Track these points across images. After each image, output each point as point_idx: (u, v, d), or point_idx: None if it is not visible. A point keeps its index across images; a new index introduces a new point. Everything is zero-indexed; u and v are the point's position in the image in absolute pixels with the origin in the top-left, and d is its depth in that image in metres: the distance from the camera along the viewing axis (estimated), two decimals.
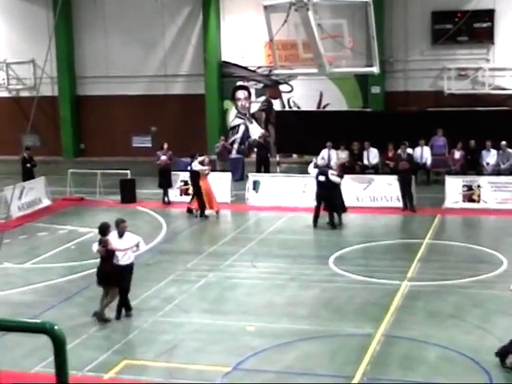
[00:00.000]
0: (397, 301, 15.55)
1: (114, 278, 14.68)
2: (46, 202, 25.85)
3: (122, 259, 14.81)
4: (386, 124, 29.19)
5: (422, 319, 14.58)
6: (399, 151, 25.65)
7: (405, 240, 20.72)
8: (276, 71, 24.25)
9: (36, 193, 25.55)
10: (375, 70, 20.93)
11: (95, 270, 15.17)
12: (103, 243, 14.64)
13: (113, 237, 14.78)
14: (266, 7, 19.99)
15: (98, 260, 15.12)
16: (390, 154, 27.11)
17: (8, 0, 36.53)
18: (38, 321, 3.91)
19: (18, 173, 26.46)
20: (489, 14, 30.58)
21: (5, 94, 37.07)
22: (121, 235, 14.91)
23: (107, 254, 14.66)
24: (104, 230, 14.84)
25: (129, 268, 14.96)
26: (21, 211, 24.38)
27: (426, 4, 31.36)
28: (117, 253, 14.71)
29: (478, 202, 23.90)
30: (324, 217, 22.28)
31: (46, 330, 3.80)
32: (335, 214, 22.13)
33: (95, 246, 14.93)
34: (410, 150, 26.17)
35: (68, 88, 36.17)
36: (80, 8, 35.66)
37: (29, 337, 11.45)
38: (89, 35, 35.87)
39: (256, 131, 34.02)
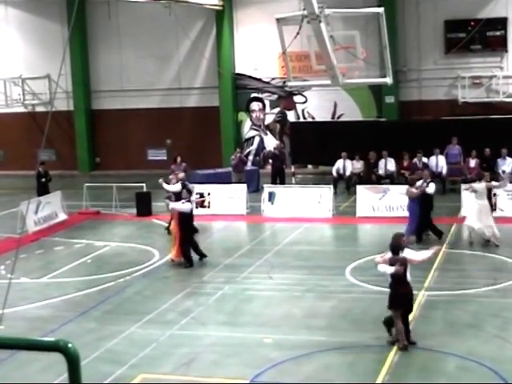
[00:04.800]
0: (414, 311, 15.45)
1: (408, 300, 13.60)
2: (62, 217, 25.92)
3: (408, 278, 13.57)
4: (401, 133, 29.16)
5: (440, 329, 14.50)
6: (414, 160, 25.62)
7: (421, 249, 20.57)
8: (289, 83, 24.27)
9: (52, 207, 25.63)
10: (388, 80, 20.91)
11: (110, 283, 15.16)
12: (401, 262, 13.33)
13: (407, 253, 13.57)
14: (278, 20, 20.03)
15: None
16: (406, 164, 27.06)
17: (24, 16, 36.81)
18: (52, 339, 3.91)
19: (34, 187, 26.57)
20: (502, 22, 30.56)
21: (21, 110, 37.29)
22: (402, 251, 13.65)
23: (403, 274, 13.35)
24: (397, 247, 13.58)
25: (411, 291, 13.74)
26: (37, 226, 24.45)
27: (438, 13, 31.36)
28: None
29: (495, 210, 23.75)
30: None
31: (60, 348, 3.79)
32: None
33: (386, 267, 13.50)
34: (425, 159, 26.14)
35: (83, 102, 36.38)
36: (94, 23, 35.89)
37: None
38: (103, 50, 36.08)
39: (271, 142, 34.06)
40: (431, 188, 21.00)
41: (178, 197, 20.58)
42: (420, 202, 20.78)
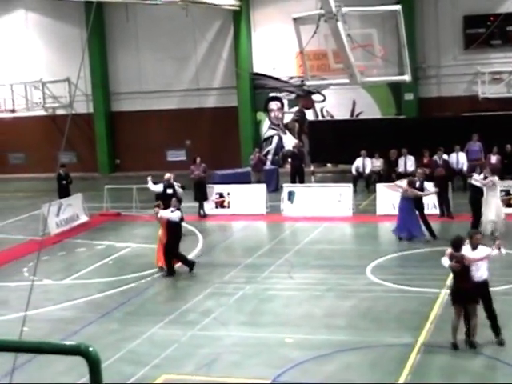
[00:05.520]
0: (436, 309, 15.41)
1: (473, 295, 13.34)
2: (84, 218, 26.06)
3: (476, 274, 13.40)
4: (421, 130, 29.04)
5: (463, 327, 14.40)
6: (435, 157, 25.49)
7: (442, 247, 20.47)
8: (308, 83, 24.27)
9: (73, 209, 25.77)
10: (407, 78, 20.85)
11: (132, 284, 15.22)
12: (457, 259, 13.36)
13: (466, 250, 13.54)
14: (295, 19, 20.03)
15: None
16: (426, 161, 26.91)
17: (43, 20, 37.03)
18: (73, 343, 3.94)
19: (55, 190, 26.73)
20: None
21: (41, 113, 37.50)
22: (474, 248, 13.63)
23: (463, 270, 13.36)
24: (458, 244, 13.55)
25: (483, 285, 13.52)
26: (59, 228, 24.60)
27: (457, 9, 31.19)
28: (472, 268, 13.39)
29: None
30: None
31: (81, 351, 3.83)
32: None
33: (446, 261, 13.65)
34: (445, 156, 26.01)
35: (102, 104, 36.54)
36: (113, 26, 36.03)
37: None
38: (122, 52, 36.22)
39: (290, 142, 34.05)
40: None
41: (165, 204, 19.95)
42: (415, 200, 21.06)
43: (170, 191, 22.94)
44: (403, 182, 21.45)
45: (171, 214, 19.08)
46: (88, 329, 15.43)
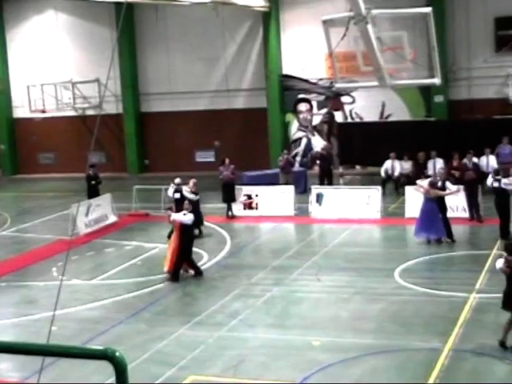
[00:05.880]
0: (465, 314, 15.29)
1: None
2: (113, 219, 26.19)
3: None
4: (451, 133, 28.83)
5: (492, 332, 14.25)
6: (465, 160, 25.31)
7: (472, 251, 20.39)
8: (336, 85, 24.21)
9: (102, 209, 25.91)
10: (437, 81, 20.72)
11: (160, 285, 15.23)
12: (508, 263, 13.11)
13: None
14: (324, 22, 20.01)
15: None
16: (455, 164, 26.71)
17: (74, 21, 37.32)
18: (100, 347, 3.96)
19: (85, 190, 26.90)
20: None
21: (71, 113, 37.80)
22: None
23: None
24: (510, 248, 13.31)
25: None
26: (88, 228, 24.74)
27: (488, 10, 30.97)
28: None
29: None
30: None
31: (108, 356, 3.84)
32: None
33: (499, 263, 13.39)
34: (475, 159, 25.81)
35: (132, 105, 36.75)
36: (143, 26, 36.22)
37: None
38: (151, 53, 36.40)
39: (318, 143, 34.01)
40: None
41: (178, 207, 20.00)
42: (438, 201, 20.87)
43: (177, 196, 22.98)
44: (424, 182, 21.32)
45: (184, 217, 18.84)
46: (116, 329, 15.51)
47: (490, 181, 21.76)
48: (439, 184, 21.21)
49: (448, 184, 21.63)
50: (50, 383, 12.23)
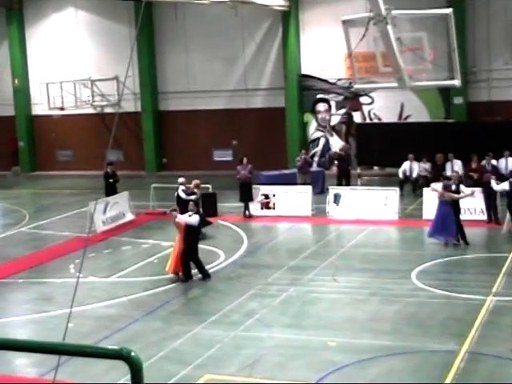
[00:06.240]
0: (481, 316, 15.22)
1: None
2: (130, 217, 26.26)
3: None
4: (470, 135, 28.69)
5: (509, 335, 14.22)
6: (483, 162, 25.19)
7: (489, 254, 20.29)
8: (355, 86, 24.14)
9: (120, 207, 25.98)
10: (457, 82, 20.61)
11: (176, 283, 15.25)
12: None
13: None
14: (344, 22, 19.96)
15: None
16: (474, 166, 26.59)
17: (93, 18, 37.45)
18: (115, 347, 3.96)
19: (103, 188, 26.97)
20: None
21: (90, 111, 37.92)
22: None
23: None
24: None
25: None
26: (105, 225, 24.81)
27: (509, 12, 30.82)
28: None
29: None
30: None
31: (123, 356, 3.84)
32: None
33: None
34: (494, 162, 25.67)
35: (150, 103, 36.82)
36: (162, 25, 36.29)
37: None
38: (170, 51, 36.46)
39: (336, 144, 33.95)
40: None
41: (183, 208, 19.89)
42: (453, 204, 20.78)
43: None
44: (438, 185, 21.23)
45: (189, 219, 18.65)
46: (132, 327, 15.55)
47: (499, 187, 21.77)
48: (453, 187, 21.13)
49: (462, 187, 21.55)
50: (66, 382, 12.28)
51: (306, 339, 14.43)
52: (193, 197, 22.49)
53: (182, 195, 22.71)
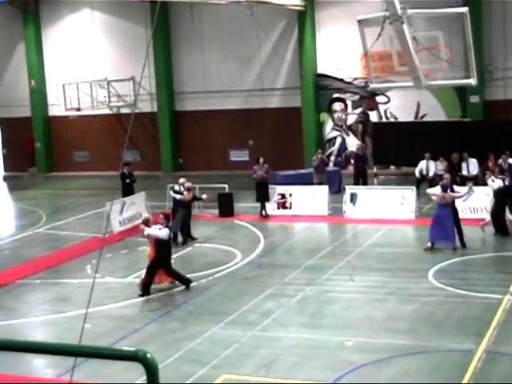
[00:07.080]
0: (499, 315, 15.16)
1: None
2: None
3: None
4: (486, 134, 28.56)
5: None
6: (500, 161, 25.06)
7: (506, 253, 20.20)
8: (371, 85, 24.09)
9: (136, 208, 26.01)
10: (473, 81, 20.49)
11: (192, 284, 15.29)
12: None
13: None
14: (359, 21, 19.91)
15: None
16: (491, 165, 26.46)
17: (109, 19, 37.56)
18: (131, 349, 3.98)
19: (119, 188, 27.02)
20: None
21: (106, 111, 38.04)
22: None
23: None
24: None
25: None
26: (122, 226, 24.87)
27: None
28: None
29: None
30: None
31: (139, 358, 3.86)
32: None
33: None
34: (510, 161, 25.55)
35: (166, 104, 36.88)
36: (178, 25, 36.35)
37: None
38: (186, 51, 36.51)
39: (353, 143, 33.90)
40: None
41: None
42: (452, 207, 20.67)
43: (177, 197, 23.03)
44: (436, 189, 21.03)
45: (159, 232, 17.61)
46: (148, 327, 15.59)
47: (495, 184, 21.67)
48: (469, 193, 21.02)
49: (456, 187, 21.44)
50: (82, 382, 12.33)
51: (323, 339, 14.42)
52: (178, 196, 22.51)
53: (172, 194, 22.95)
